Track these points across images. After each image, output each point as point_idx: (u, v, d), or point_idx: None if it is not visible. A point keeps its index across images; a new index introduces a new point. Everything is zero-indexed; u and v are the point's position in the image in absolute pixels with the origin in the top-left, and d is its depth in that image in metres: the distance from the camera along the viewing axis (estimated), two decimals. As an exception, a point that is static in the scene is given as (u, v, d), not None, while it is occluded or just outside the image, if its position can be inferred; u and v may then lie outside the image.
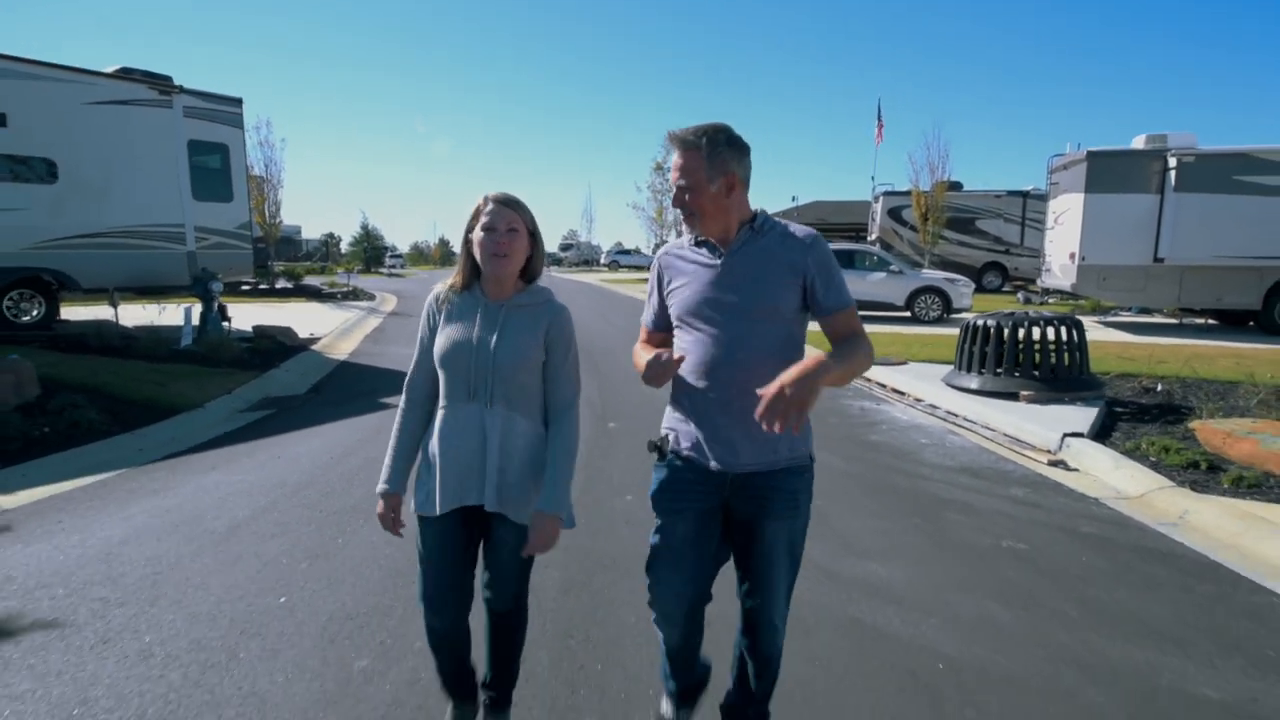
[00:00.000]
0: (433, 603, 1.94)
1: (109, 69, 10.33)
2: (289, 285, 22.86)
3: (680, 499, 1.87)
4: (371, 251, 44.42)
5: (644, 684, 2.42)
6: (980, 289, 22.14)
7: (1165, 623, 2.90)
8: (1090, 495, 4.53)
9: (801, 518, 1.88)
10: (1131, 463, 4.94)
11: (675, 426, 1.90)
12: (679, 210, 1.85)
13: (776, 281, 1.81)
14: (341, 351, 10.61)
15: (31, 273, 9.01)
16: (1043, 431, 5.73)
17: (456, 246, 2.12)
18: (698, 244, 1.90)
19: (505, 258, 1.85)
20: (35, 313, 9.45)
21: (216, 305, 9.64)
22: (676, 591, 1.91)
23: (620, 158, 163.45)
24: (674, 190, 1.83)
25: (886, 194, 23.49)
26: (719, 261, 1.84)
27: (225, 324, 9.90)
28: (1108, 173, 12.67)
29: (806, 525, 1.90)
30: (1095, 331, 12.77)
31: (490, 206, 1.86)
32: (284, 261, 30.01)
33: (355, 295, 20.52)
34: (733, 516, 1.88)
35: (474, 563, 2.00)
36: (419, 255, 69.65)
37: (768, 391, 1.55)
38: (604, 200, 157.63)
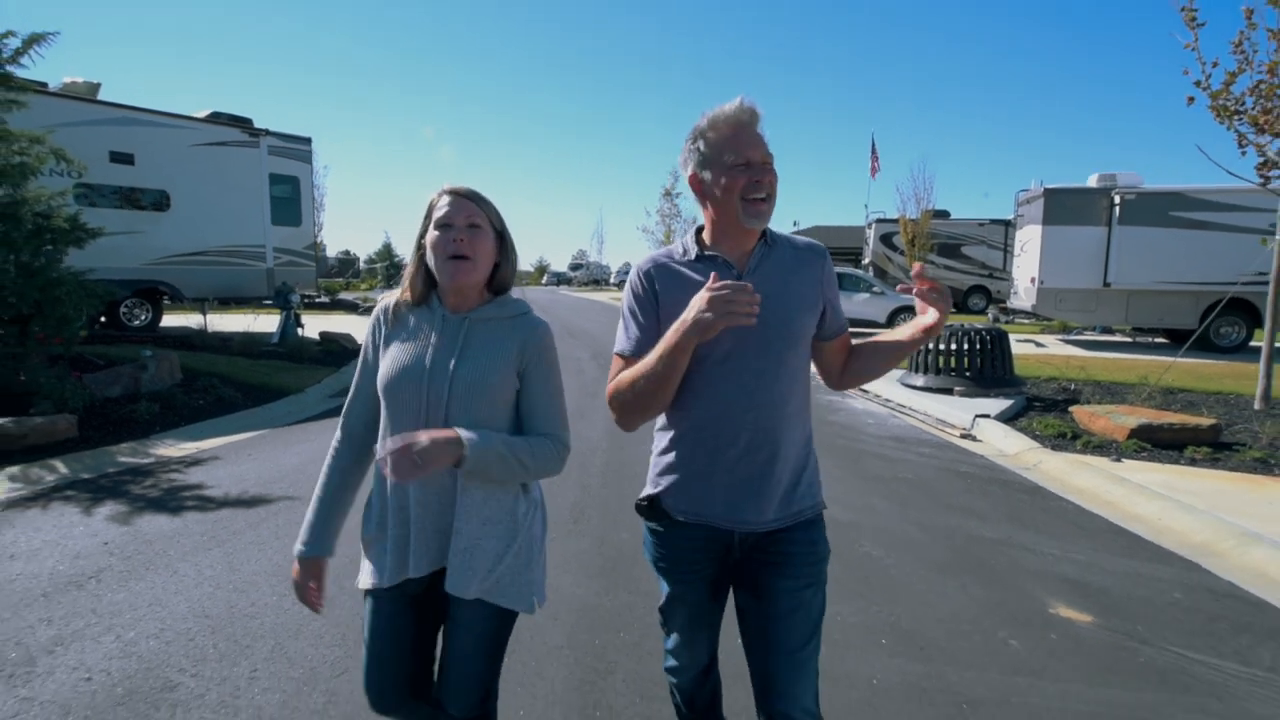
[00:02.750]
0: (379, 699, 1.61)
1: (201, 113, 12.26)
2: (325, 300, 24.80)
3: (690, 568, 1.63)
4: (392, 269, 46.52)
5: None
6: (967, 310, 23.90)
7: (983, 510, 4.59)
8: (978, 453, 6.22)
9: (823, 575, 1.62)
10: (1018, 434, 6.62)
11: (673, 481, 1.61)
12: (750, 197, 1.50)
13: (803, 304, 1.59)
14: (394, 355, 12.42)
15: (151, 284, 10.88)
16: (962, 415, 7.42)
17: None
18: (698, 259, 1.58)
19: (466, 260, 1.50)
20: (144, 318, 11.30)
21: (294, 314, 11.46)
22: (697, 660, 1.75)
23: (629, 179, 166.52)
24: (750, 166, 1.49)
25: (879, 221, 25.31)
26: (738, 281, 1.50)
27: (299, 330, 11.72)
28: (1062, 207, 14.41)
29: (824, 591, 1.62)
30: (1054, 347, 14.49)
31: (445, 199, 1.52)
32: (320, 278, 32.01)
33: (388, 309, 22.41)
34: (743, 582, 1.61)
35: (433, 649, 1.67)
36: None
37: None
38: (612, 219, 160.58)
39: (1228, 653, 2.84)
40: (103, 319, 10.74)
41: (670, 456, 1.62)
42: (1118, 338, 16.97)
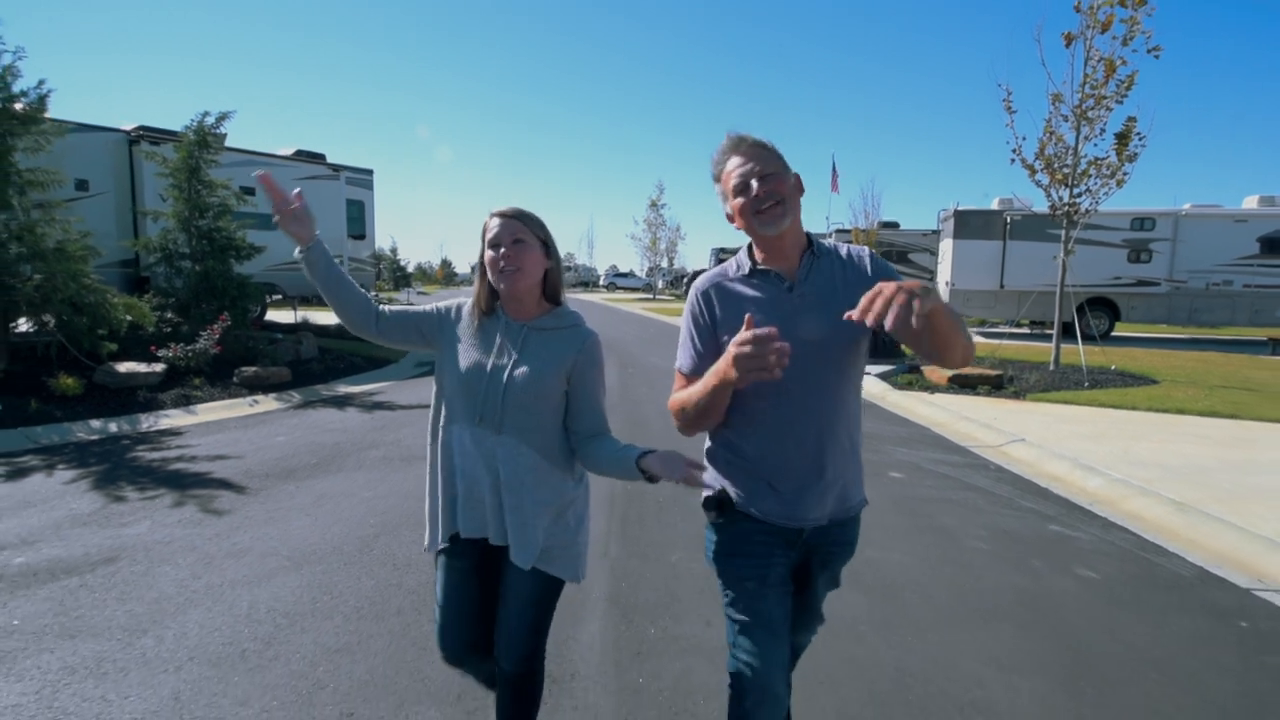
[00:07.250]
0: (451, 653, 1.89)
1: (287, 150, 15.66)
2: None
3: (764, 564, 1.69)
4: (399, 273, 49.95)
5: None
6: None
7: (835, 412, 8.19)
8: (854, 392, 9.84)
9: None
10: (884, 383, 10.24)
11: (737, 480, 1.70)
12: (755, 210, 1.60)
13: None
14: (442, 341, 15.94)
15: (271, 288, 14.29)
16: (856, 374, 11.05)
17: (459, 267, 2.42)
18: (751, 274, 1.69)
19: (516, 272, 1.73)
20: (255, 311, 14.69)
21: (369, 308, 14.90)
22: (781, 665, 1.67)
23: (619, 184, 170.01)
24: (746, 185, 1.59)
25: (838, 232, 29.04)
26: (789, 294, 1.64)
27: (372, 320, 15.17)
28: (968, 225, 18.16)
29: None
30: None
31: (494, 221, 1.75)
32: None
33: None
34: (795, 572, 1.79)
35: (494, 613, 1.87)
36: (422, 275, 73.38)
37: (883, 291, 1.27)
38: (602, 222, 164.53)
39: (905, 446, 6.46)
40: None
41: (735, 457, 1.70)
42: (1027, 330, 20.77)
